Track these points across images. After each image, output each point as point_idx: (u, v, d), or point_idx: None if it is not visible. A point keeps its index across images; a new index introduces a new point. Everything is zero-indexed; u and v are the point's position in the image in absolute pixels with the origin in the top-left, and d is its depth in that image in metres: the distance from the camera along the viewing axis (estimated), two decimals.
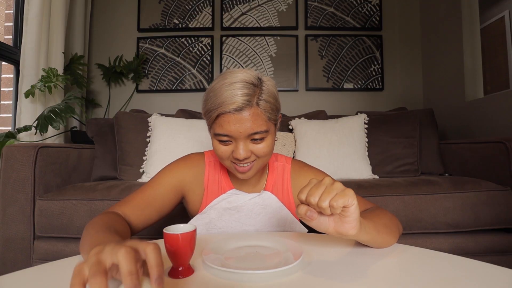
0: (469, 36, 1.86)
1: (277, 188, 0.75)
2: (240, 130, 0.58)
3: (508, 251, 1.14)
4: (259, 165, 0.65)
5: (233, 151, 0.61)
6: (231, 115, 0.57)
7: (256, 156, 0.62)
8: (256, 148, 0.61)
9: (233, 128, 0.58)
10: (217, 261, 0.47)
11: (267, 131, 0.61)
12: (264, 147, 0.62)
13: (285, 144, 1.60)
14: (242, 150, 0.60)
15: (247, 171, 0.63)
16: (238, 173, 0.64)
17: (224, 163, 0.65)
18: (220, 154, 0.63)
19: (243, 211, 0.71)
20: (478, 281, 0.41)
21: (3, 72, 1.81)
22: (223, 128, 0.58)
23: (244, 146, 0.60)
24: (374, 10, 2.29)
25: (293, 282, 0.42)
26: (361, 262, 0.49)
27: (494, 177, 1.24)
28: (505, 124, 1.55)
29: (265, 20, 2.28)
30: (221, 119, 0.58)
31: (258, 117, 0.58)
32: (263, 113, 0.59)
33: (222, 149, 0.62)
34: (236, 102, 0.56)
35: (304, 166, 0.76)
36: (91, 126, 1.62)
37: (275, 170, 0.76)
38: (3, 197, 1.14)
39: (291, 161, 0.78)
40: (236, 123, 0.57)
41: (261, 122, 0.59)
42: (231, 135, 0.59)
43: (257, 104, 0.58)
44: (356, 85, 2.27)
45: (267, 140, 0.62)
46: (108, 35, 2.31)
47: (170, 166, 0.73)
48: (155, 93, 2.28)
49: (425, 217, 1.14)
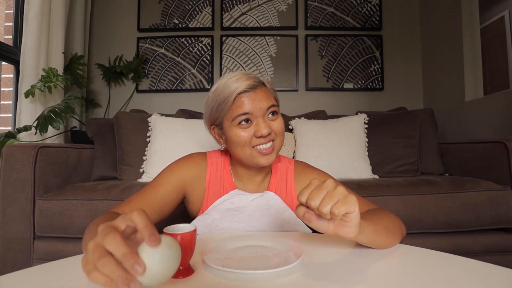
0: (469, 36, 1.86)
1: (280, 188, 0.75)
2: (259, 105, 0.64)
3: (508, 251, 1.14)
4: (278, 146, 0.68)
5: (255, 132, 0.64)
6: (247, 94, 0.64)
7: (275, 133, 0.66)
8: (273, 124, 0.66)
9: (251, 105, 0.64)
10: (217, 261, 0.47)
11: (278, 106, 0.69)
12: (280, 123, 0.67)
13: (285, 144, 1.60)
14: (264, 125, 0.64)
15: (270, 152, 0.66)
16: (262, 156, 0.66)
17: (245, 151, 0.66)
18: (241, 139, 0.65)
19: (246, 212, 0.71)
20: (478, 281, 0.41)
21: (3, 72, 1.81)
22: (242, 108, 0.64)
23: (264, 122, 0.65)
24: (374, 10, 2.29)
25: (293, 282, 0.42)
26: (361, 262, 0.49)
27: (494, 177, 1.24)
28: (505, 124, 1.55)
29: (265, 20, 2.28)
30: (238, 100, 0.64)
31: (269, 94, 0.68)
32: (270, 92, 0.69)
33: (242, 133, 0.65)
34: (249, 82, 0.64)
35: (307, 167, 0.77)
36: (91, 126, 1.62)
37: (278, 170, 0.77)
38: (3, 197, 1.14)
39: (294, 162, 0.79)
40: (254, 100, 0.64)
41: (271, 98, 0.68)
42: (251, 112, 0.64)
43: (264, 85, 0.68)
44: (356, 85, 2.27)
45: (279, 117, 0.68)
46: (108, 35, 2.31)
47: (171, 166, 0.72)
48: (155, 93, 2.28)
49: (425, 217, 1.14)
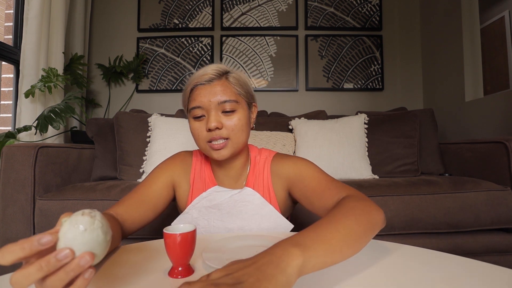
0: (469, 36, 1.86)
1: (258, 183, 0.73)
2: (211, 99, 0.63)
3: (508, 251, 1.14)
4: (233, 144, 0.65)
5: (206, 125, 0.63)
6: (203, 86, 0.64)
7: (228, 130, 0.64)
8: (228, 121, 0.64)
9: (204, 98, 0.63)
10: (217, 261, 0.47)
11: (236, 102, 0.65)
12: (235, 120, 0.64)
13: (285, 144, 1.60)
14: (213, 118, 0.62)
15: (221, 148, 0.64)
16: (213, 151, 0.65)
17: (200, 145, 0.66)
18: (195, 132, 0.65)
19: (224, 209, 0.71)
20: (478, 281, 0.41)
21: (3, 72, 1.81)
22: (196, 100, 0.64)
23: (215, 116, 0.63)
24: (374, 10, 2.29)
25: None
26: (360, 261, 0.49)
27: (494, 177, 1.24)
28: (505, 124, 1.55)
29: (265, 20, 2.28)
30: (194, 93, 0.65)
31: (227, 88, 0.64)
32: (232, 85, 0.66)
33: (196, 127, 0.65)
34: (207, 74, 0.64)
35: (285, 156, 0.73)
36: (91, 126, 1.62)
37: (256, 164, 0.74)
38: (3, 197, 1.14)
39: (274, 154, 0.76)
40: (207, 94, 0.63)
41: (230, 93, 0.64)
42: (203, 106, 0.63)
43: (226, 78, 0.66)
44: (356, 85, 2.27)
45: (238, 114, 0.65)
46: (108, 35, 2.31)
47: (160, 165, 0.75)
48: (155, 93, 2.28)
49: (425, 217, 1.14)
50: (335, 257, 0.40)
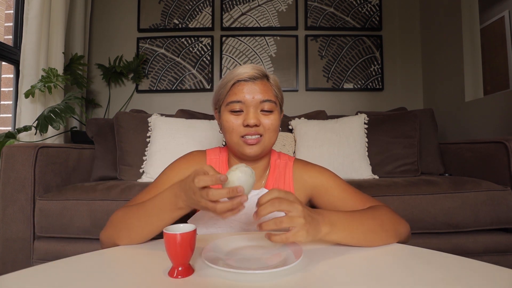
0: (469, 36, 1.86)
1: (278, 185, 0.75)
2: (253, 96, 0.65)
3: (508, 251, 1.14)
4: (264, 142, 0.67)
5: (244, 120, 0.65)
6: (246, 83, 0.66)
7: (264, 128, 0.66)
8: (265, 120, 0.66)
9: (246, 94, 0.65)
10: (217, 261, 0.47)
11: (275, 103, 0.68)
12: (272, 120, 0.67)
13: (285, 144, 1.60)
14: (253, 115, 0.65)
15: (256, 143, 0.66)
16: (246, 146, 0.66)
17: (233, 138, 0.67)
18: (230, 125, 0.66)
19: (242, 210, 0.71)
20: (478, 281, 0.41)
21: (3, 72, 1.81)
22: (237, 95, 0.65)
23: (255, 113, 0.65)
24: (374, 10, 2.29)
25: (293, 282, 0.42)
26: (361, 262, 0.50)
27: (494, 177, 1.24)
28: (505, 124, 1.55)
29: (265, 20, 2.28)
30: (235, 87, 0.66)
31: (268, 89, 0.68)
32: (272, 87, 0.69)
33: (232, 120, 0.66)
34: (250, 72, 0.66)
35: (307, 164, 0.76)
36: (91, 126, 1.62)
37: (277, 167, 0.76)
38: (3, 197, 1.14)
39: (294, 159, 0.78)
40: (249, 90, 0.65)
41: (270, 93, 0.68)
42: (243, 101, 0.65)
43: (267, 79, 0.69)
44: (356, 85, 2.27)
45: (274, 114, 0.68)
46: (108, 35, 2.31)
47: (172, 165, 0.74)
48: (155, 93, 2.28)
49: (425, 217, 1.14)
50: (351, 242, 0.55)
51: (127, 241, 0.58)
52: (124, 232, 0.58)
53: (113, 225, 0.60)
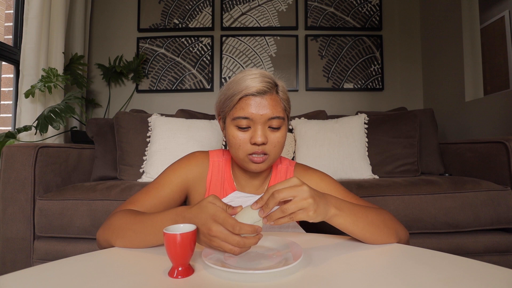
0: (469, 36, 1.86)
1: None
2: (261, 113, 0.62)
3: (508, 251, 1.14)
4: (270, 160, 0.66)
5: (251, 138, 0.63)
6: (254, 98, 0.62)
7: (271, 146, 0.64)
8: (272, 136, 0.64)
9: (254, 110, 0.61)
10: (217, 261, 0.47)
11: (283, 119, 0.65)
12: (279, 136, 0.64)
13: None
14: (261, 133, 0.62)
15: (262, 161, 0.64)
16: (252, 164, 0.64)
17: (239, 154, 0.65)
18: (237, 141, 0.64)
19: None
20: (478, 281, 0.41)
21: (3, 72, 1.81)
22: (245, 111, 0.62)
23: (263, 130, 0.62)
24: (374, 10, 2.29)
25: (293, 282, 0.42)
26: (361, 261, 0.49)
27: (494, 177, 1.24)
28: (505, 124, 1.55)
29: (265, 20, 2.28)
30: (243, 102, 0.62)
31: (277, 104, 0.64)
32: (281, 101, 0.65)
33: (239, 136, 0.63)
34: (259, 86, 0.61)
35: (308, 169, 0.76)
36: (91, 126, 1.62)
37: (278, 172, 0.76)
38: (3, 197, 1.14)
39: (295, 163, 0.78)
40: (258, 106, 0.62)
41: (279, 109, 0.64)
42: (251, 117, 0.62)
43: (277, 92, 0.65)
44: (356, 85, 2.27)
45: (282, 131, 0.65)
46: (108, 35, 2.31)
47: (174, 165, 0.73)
48: (155, 93, 2.28)
49: (425, 217, 1.14)
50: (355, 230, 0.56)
51: (123, 246, 0.58)
52: (120, 240, 0.57)
53: (110, 230, 0.59)
